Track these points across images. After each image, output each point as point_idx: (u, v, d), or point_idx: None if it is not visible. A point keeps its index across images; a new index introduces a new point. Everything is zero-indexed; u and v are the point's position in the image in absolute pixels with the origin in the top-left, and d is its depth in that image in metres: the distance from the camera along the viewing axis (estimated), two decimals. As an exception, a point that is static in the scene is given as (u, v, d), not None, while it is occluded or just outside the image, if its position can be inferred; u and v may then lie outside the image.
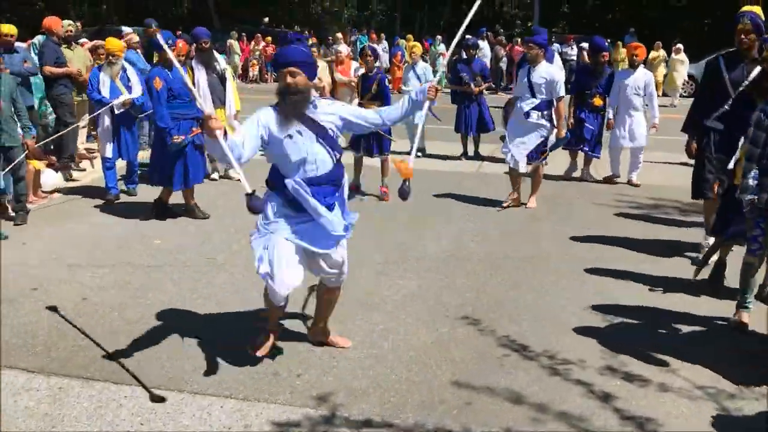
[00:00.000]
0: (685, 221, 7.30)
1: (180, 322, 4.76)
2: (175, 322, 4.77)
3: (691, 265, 5.79)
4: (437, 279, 5.57)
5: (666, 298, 5.22)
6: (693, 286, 5.37)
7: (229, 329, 4.65)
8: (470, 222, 7.24)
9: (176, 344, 4.40)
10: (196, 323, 4.75)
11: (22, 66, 8.21)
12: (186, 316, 4.86)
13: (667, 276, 5.66)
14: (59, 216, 7.39)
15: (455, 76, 10.77)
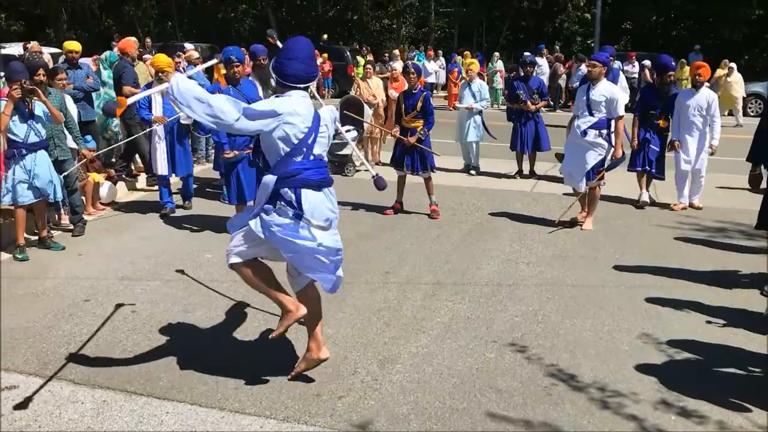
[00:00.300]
0: (751, 247, 6.95)
1: (226, 339, 4.76)
2: (220, 338, 4.77)
3: (761, 295, 5.50)
4: (488, 303, 5.43)
5: (727, 331, 4.95)
6: (760, 320, 5.09)
7: (275, 347, 4.60)
8: (524, 244, 7.06)
9: (220, 361, 4.38)
10: (242, 340, 4.74)
11: (85, 81, 8.46)
12: (232, 333, 4.86)
13: (730, 307, 5.38)
14: (115, 228, 7.54)
15: (512, 94, 10.60)
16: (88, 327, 4.90)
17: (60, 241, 6.86)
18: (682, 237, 7.37)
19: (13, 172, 6.35)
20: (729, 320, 5.10)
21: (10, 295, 5.50)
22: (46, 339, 4.70)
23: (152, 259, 6.42)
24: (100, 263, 6.32)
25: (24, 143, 6.31)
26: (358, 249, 6.79)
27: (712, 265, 6.45)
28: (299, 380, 4.14)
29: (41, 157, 6.46)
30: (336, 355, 4.47)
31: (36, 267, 6.22)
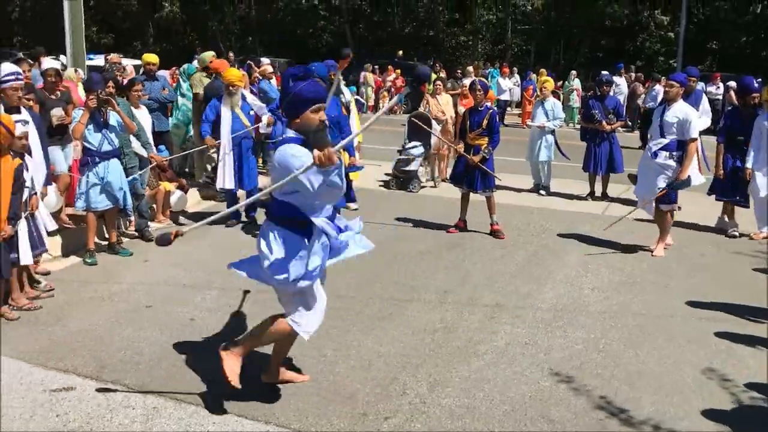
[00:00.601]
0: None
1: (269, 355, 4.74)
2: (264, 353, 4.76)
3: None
4: (548, 328, 5.25)
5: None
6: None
7: (326, 363, 4.58)
8: (590, 268, 6.82)
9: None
10: (294, 354, 4.72)
11: (160, 93, 8.73)
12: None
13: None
14: (183, 236, 7.67)
15: (587, 113, 10.33)
16: (146, 333, 5.00)
17: (128, 247, 7.06)
18: (761, 268, 6.96)
19: (87, 178, 6.58)
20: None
21: (78, 299, 5.68)
22: (106, 343, 4.82)
23: (214, 269, 6.50)
24: (165, 270, 6.46)
25: (98, 151, 6.53)
26: (418, 266, 6.72)
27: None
28: (346, 397, 4.09)
29: (114, 165, 6.67)
30: (386, 374, 4.41)
31: (104, 272, 6.41)
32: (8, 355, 4.57)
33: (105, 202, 6.62)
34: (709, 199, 8.48)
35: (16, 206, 5.16)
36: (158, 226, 8.01)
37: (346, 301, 5.72)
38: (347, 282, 6.16)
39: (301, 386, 4.24)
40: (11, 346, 4.72)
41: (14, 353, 4.61)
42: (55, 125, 6.94)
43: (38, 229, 5.51)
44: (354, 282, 6.18)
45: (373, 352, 4.74)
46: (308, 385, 4.25)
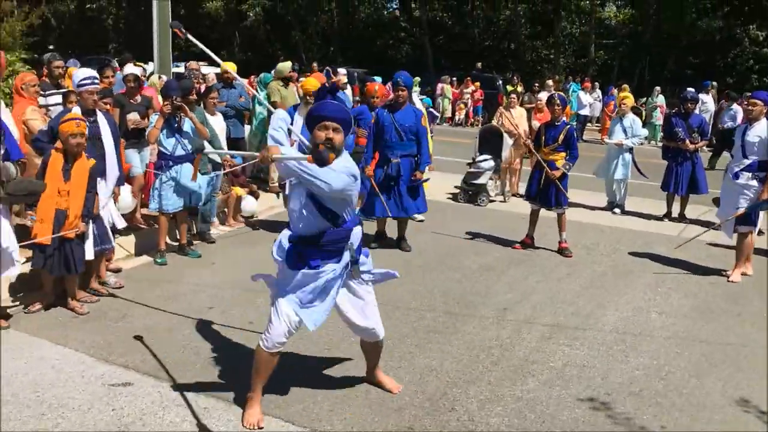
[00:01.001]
0: None
1: (329, 361, 4.77)
2: (325, 359, 4.79)
3: None
4: (608, 352, 5.07)
5: None
6: None
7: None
8: (659, 292, 6.57)
9: (321, 381, 4.40)
10: (348, 363, 4.73)
11: (237, 100, 8.96)
12: (338, 354, 4.86)
13: None
14: (250, 240, 7.88)
15: (670, 131, 9.93)
16: (205, 333, 5.12)
17: (198, 249, 7.26)
18: None
19: (160, 181, 6.81)
20: None
21: (144, 297, 5.87)
22: (166, 341, 4.95)
23: (277, 274, 6.61)
24: (230, 273, 6.61)
25: (171, 155, 6.75)
26: (479, 282, 6.63)
27: None
28: (394, 410, 4.06)
29: (186, 168, 6.87)
30: (436, 389, 4.36)
31: (172, 272, 6.61)
32: (74, 348, 4.77)
33: (177, 203, 6.83)
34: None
35: (91, 205, 5.40)
36: (227, 229, 8.21)
37: (402, 312, 5.70)
38: (405, 293, 6.14)
39: (352, 395, 4.25)
40: (78, 339, 4.93)
41: (80, 347, 4.80)
42: (131, 129, 7.21)
43: (103, 228, 5.73)
44: (412, 294, 6.16)
45: (425, 366, 4.70)
46: (358, 395, 4.25)
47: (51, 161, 5.24)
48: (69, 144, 5.22)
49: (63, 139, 5.23)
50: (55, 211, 5.20)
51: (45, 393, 4.14)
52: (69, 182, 5.23)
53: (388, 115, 7.43)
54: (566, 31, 31.15)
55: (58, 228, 5.20)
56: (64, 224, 5.21)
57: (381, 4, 37.18)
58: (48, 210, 5.19)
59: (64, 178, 5.22)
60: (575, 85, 22.53)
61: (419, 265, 7.10)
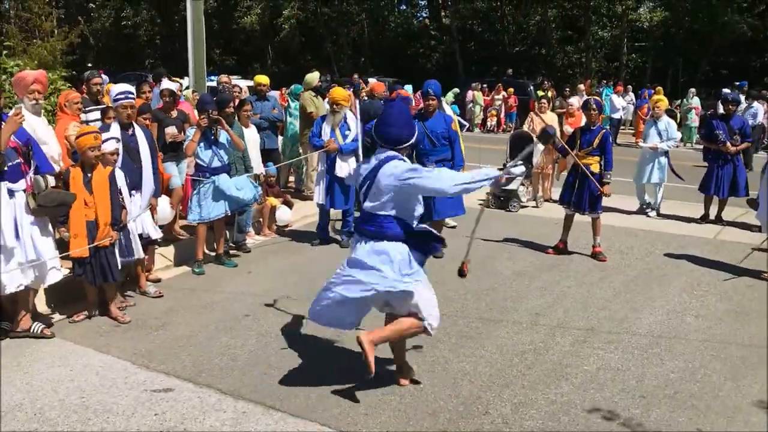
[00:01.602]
0: None
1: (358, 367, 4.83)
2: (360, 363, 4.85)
3: None
4: (643, 355, 5.06)
5: None
6: None
7: (412, 384, 4.62)
8: (695, 295, 6.51)
9: (357, 386, 4.47)
10: (383, 369, 4.78)
11: (270, 112, 9.13)
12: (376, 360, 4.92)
13: None
14: (285, 249, 8.01)
15: (710, 133, 9.76)
16: (242, 340, 5.24)
17: (234, 259, 7.40)
18: None
19: (198, 192, 6.97)
20: None
21: (183, 306, 6.03)
22: (205, 348, 5.08)
23: (313, 281, 6.66)
24: (266, 281, 6.74)
25: (208, 167, 6.91)
26: (512, 287, 6.65)
27: None
28: (428, 413, 4.12)
29: (223, 179, 7.02)
30: (470, 393, 4.41)
31: (209, 281, 6.76)
32: (117, 356, 4.93)
33: (214, 212, 6.96)
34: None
35: (117, 213, 5.57)
36: (262, 239, 8.36)
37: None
38: (438, 298, 6.18)
39: (387, 399, 4.31)
40: (121, 348, 5.08)
41: (123, 355, 4.96)
42: (169, 142, 7.41)
43: (130, 239, 5.89)
44: (445, 299, 6.20)
45: (458, 370, 4.75)
46: (393, 398, 4.32)
47: (72, 177, 5.42)
48: (87, 156, 5.43)
49: (81, 151, 5.44)
50: (85, 223, 5.38)
51: (90, 398, 4.29)
52: (93, 194, 5.42)
53: (419, 123, 7.50)
54: (597, 35, 30.88)
55: (91, 239, 5.39)
56: (96, 234, 5.40)
57: (410, 14, 37.32)
58: (79, 223, 5.38)
59: (88, 190, 5.41)
60: (608, 89, 22.36)
61: (451, 270, 7.11)
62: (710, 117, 10.85)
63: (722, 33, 27.00)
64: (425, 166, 7.41)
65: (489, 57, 33.04)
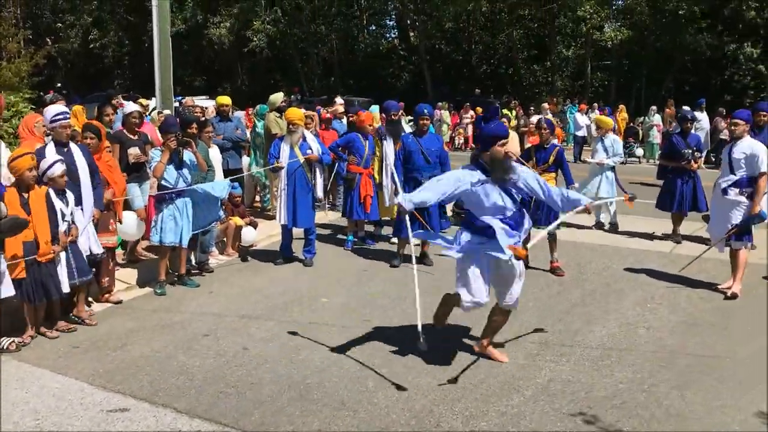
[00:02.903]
0: None
1: (322, 383, 4.91)
2: (318, 381, 4.93)
3: None
4: (593, 367, 5.19)
5: None
6: None
7: (366, 393, 4.70)
8: (649, 307, 6.69)
9: (313, 403, 4.54)
10: (339, 387, 4.86)
11: (233, 133, 9.20)
12: (331, 378, 5.00)
13: None
14: (248, 269, 8.06)
15: (674, 150, 9.91)
16: (201, 360, 5.28)
17: (196, 279, 7.43)
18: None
19: (161, 213, 6.99)
20: None
21: (143, 326, 6.05)
22: (163, 368, 5.11)
23: (273, 300, 6.79)
24: (227, 301, 6.78)
25: (173, 188, 6.94)
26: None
27: None
28: (381, 428, 4.20)
29: (187, 201, 7.06)
30: (423, 406, 4.50)
31: (171, 301, 6.79)
32: (74, 377, 4.95)
33: (177, 237, 6.99)
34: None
35: (56, 230, 5.61)
36: (226, 259, 8.40)
37: (392, 332, 5.85)
38: (395, 315, 6.30)
39: (340, 415, 4.38)
40: (78, 369, 5.10)
41: (80, 376, 4.97)
42: (132, 163, 7.44)
43: (79, 260, 5.90)
44: (402, 314, 6.31)
45: (413, 385, 4.83)
46: (347, 414, 4.39)
47: (8, 200, 5.38)
48: (25, 177, 5.48)
49: (19, 174, 5.47)
50: (23, 244, 5.38)
51: (45, 420, 4.30)
52: (30, 214, 5.44)
53: (414, 141, 7.96)
54: (562, 55, 31.48)
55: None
56: (37, 253, 5.43)
57: (379, 34, 37.70)
58: (15, 246, 5.36)
59: (26, 211, 5.43)
60: (572, 107, 22.80)
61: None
62: (673, 135, 11.05)
63: (683, 52, 27.69)
64: (420, 181, 7.66)
65: (457, 77, 33.48)
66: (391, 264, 8.12)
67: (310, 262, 8.15)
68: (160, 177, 6.92)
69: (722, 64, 28.54)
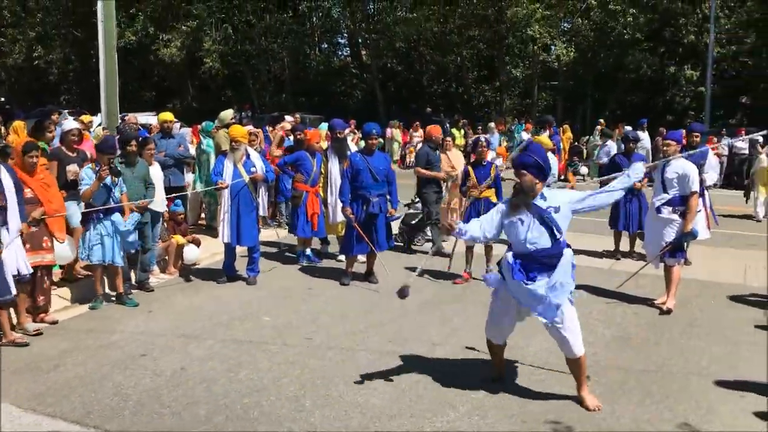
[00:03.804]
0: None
1: (260, 405, 4.88)
2: (255, 401, 4.90)
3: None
4: (529, 382, 5.29)
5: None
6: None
7: (304, 412, 4.69)
8: (585, 322, 6.66)
9: (248, 426, 4.51)
10: (276, 407, 4.84)
11: (176, 150, 9.12)
12: (269, 396, 4.97)
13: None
14: (190, 288, 7.96)
15: (615, 169, 10.14)
16: (137, 380, 5.20)
17: (136, 298, 7.31)
18: (765, 325, 6.86)
19: (89, 233, 6.89)
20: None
21: (78, 347, 5.93)
22: (97, 389, 5.02)
23: (213, 319, 6.73)
24: (166, 320, 6.69)
25: (102, 206, 6.84)
26: (416, 319, 6.82)
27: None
28: (316, 447, 4.20)
29: (116, 219, 6.96)
30: (359, 424, 4.53)
31: (108, 321, 6.67)
32: (7, 401, 4.80)
33: (106, 256, 6.88)
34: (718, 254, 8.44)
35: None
36: (167, 278, 8.29)
37: (335, 351, 5.86)
38: (341, 333, 6.31)
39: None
40: (9, 391, 4.96)
41: (11, 398, 4.84)
42: (71, 180, 7.32)
43: (4, 277, 5.78)
44: (348, 332, 6.33)
45: (351, 403, 4.85)
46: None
47: None
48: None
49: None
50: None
51: (-31, 445, 4.18)
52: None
53: (362, 160, 7.99)
54: (511, 75, 32.09)
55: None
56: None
57: (331, 51, 37.83)
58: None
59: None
60: (520, 126, 23.24)
61: (352, 302, 7.28)
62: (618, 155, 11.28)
63: (626, 73, 28.53)
64: (369, 199, 7.74)
65: (408, 95, 33.81)
66: (342, 282, 8.13)
67: (254, 281, 8.10)
68: (87, 201, 6.86)
69: (664, 85, 29.48)
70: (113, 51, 11.40)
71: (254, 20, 32.48)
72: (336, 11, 35.53)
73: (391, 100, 33.31)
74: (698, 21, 27.62)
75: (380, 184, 8.01)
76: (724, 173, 19.13)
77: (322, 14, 35.73)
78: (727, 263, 9.42)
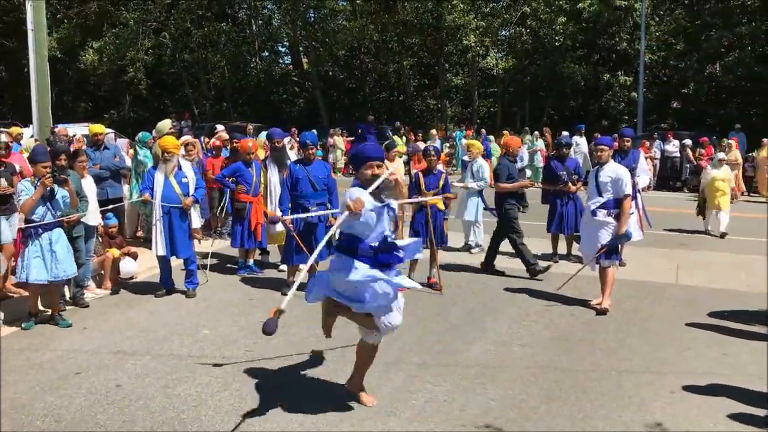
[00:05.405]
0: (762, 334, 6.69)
1: (198, 420, 4.81)
2: (191, 419, 4.83)
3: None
4: (469, 386, 5.36)
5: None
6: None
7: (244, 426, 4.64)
8: (524, 325, 6.98)
9: None
10: (215, 421, 4.77)
11: (112, 161, 8.93)
12: (207, 412, 4.90)
13: (730, 400, 5.17)
14: (125, 303, 7.77)
15: (552, 175, 10.37)
16: (70, 400, 5.06)
17: (70, 315, 7.09)
18: (695, 322, 7.10)
19: (28, 250, 6.65)
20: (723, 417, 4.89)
21: (10, 367, 5.72)
22: (28, 411, 4.86)
23: (150, 334, 6.59)
24: (101, 337, 6.52)
25: (40, 221, 6.62)
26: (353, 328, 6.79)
27: (716, 351, 6.21)
28: (255, 460, 4.16)
29: (56, 235, 6.75)
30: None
31: (41, 340, 6.45)
32: (-72, 426, 4.62)
33: (45, 274, 6.63)
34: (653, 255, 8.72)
35: None
36: (103, 293, 8.09)
37: (276, 361, 5.81)
38: (281, 343, 6.27)
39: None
40: (-68, 416, 4.76)
41: (-66, 424, 4.65)
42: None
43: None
44: (289, 343, 6.29)
45: (292, 415, 4.81)
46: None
47: None
48: None
49: None
50: None
51: None
52: None
53: (302, 169, 7.99)
54: (452, 82, 32.50)
55: None
56: None
57: (272, 59, 37.60)
58: None
59: None
60: (460, 133, 23.54)
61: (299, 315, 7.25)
62: (551, 159, 11.58)
63: (561, 81, 29.24)
64: (307, 209, 7.71)
65: (351, 103, 33.89)
66: (282, 292, 8.06)
67: (193, 293, 7.97)
68: (28, 214, 6.61)
69: (599, 91, 30.33)
70: (45, 60, 11.12)
71: (192, 29, 32.02)
72: (276, 19, 35.36)
73: (334, 108, 33.33)
74: (630, 29, 28.53)
75: (320, 193, 7.99)
76: (657, 176, 19.74)
77: (263, 22, 35.51)
78: (660, 263, 9.74)
